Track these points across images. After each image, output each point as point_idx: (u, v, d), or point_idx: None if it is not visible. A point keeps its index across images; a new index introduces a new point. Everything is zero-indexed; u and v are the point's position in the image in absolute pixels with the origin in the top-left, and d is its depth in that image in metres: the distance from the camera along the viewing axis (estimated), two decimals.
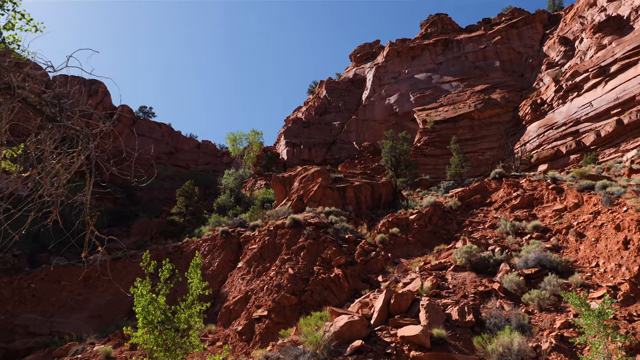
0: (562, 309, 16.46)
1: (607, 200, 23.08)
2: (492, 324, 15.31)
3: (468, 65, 75.37)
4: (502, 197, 30.41)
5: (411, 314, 16.28)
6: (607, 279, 18.42)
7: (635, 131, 46.13)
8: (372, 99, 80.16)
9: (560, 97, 56.49)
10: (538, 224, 24.47)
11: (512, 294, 17.84)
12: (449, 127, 64.79)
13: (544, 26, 76.35)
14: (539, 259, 19.39)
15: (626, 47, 51.47)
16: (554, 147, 53.02)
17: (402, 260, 23.74)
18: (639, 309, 16.28)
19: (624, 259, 19.16)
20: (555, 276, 18.01)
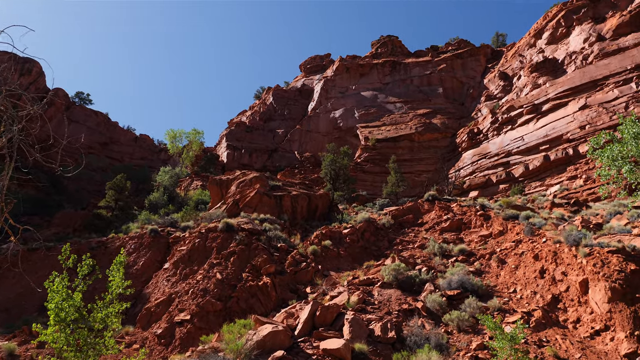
0: (479, 331, 17.12)
1: (529, 230, 24.35)
2: (413, 341, 15.66)
3: (413, 89, 77.76)
4: (433, 219, 31.40)
5: (335, 327, 16.37)
6: (522, 305, 19.37)
7: (560, 167, 49.29)
8: (318, 111, 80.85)
9: (495, 129, 59.40)
10: (464, 247, 25.43)
11: (434, 314, 18.36)
12: (389, 146, 66.39)
13: (486, 60, 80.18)
14: (462, 282, 20.10)
15: (558, 88, 55.09)
16: (485, 176, 55.55)
17: (331, 273, 23.89)
18: (548, 335, 17.21)
19: (539, 287, 20.25)
20: (475, 299, 18.73)
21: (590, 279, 18.14)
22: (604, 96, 50.75)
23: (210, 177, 41.69)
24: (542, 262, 21.06)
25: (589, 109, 50.83)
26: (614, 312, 16.80)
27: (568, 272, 19.51)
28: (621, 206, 30.38)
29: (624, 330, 16.26)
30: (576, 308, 18.34)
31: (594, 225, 25.67)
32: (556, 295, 19.32)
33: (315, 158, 70.87)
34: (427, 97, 75.35)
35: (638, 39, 53.03)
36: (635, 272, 17.74)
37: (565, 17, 62.91)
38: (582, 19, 61.01)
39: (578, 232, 21.44)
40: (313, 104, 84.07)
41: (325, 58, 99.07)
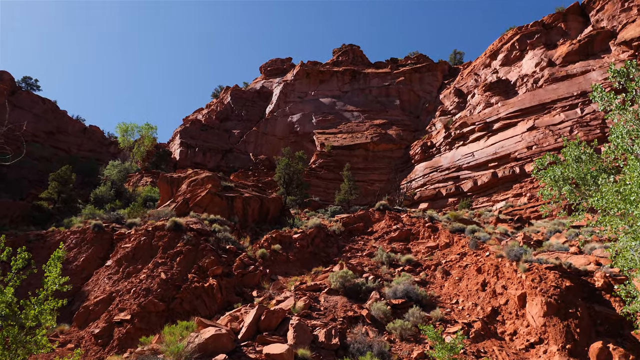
0: (421, 340, 17.41)
1: (473, 243, 25.06)
2: (356, 349, 15.74)
3: (371, 99, 78.84)
4: (383, 228, 31.81)
5: (280, 332, 16.25)
6: (463, 316, 19.87)
7: (507, 185, 51.15)
8: (276, 114, 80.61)
9: (448, 144, 61.04)
10: (411, 257, 25.88)
11: (378, 322, 18.54)
12: (344, 153, 66.96)
13: (443, 76, 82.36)
14: (407, 291, 20.42)
15: (509, 109, 57.28)
16: (436, 189, 56.89)
17: (279, 277, 23.74)
18: (486, 346, 17.70)
19: (480, 299, 20.84)
20: (419, 309, 19.06)
21: (528, 294, 18.82)
22: (551, 119, 53.15)
23: (161, 174, 40.69)
24: (485, 275, 21.69)
25: (536, 130, 53.05)
26: (548, 325, 17.49)
27: (508, 286, 20.17)
28: (561, 225, 31.79)
29: (557, 343, 16.95)
30: (514, 321, 18.98)
31: (534, 242, 26.72)
32: (496, 308, 19.94)
33: (270, 161, 70.54)
34: (384, 108, 76.57)
35: (585, 67, 55.92)
36: (569, 288, 18.56)
37: (520, 41, 65.52)
38: (535, 44, 63.72)
39: (519, 247, 22.23)
40: (271, 106, 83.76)
41: (286, 62, 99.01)
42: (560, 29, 64.12)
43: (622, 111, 10.93)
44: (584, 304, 18.27)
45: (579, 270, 20.66)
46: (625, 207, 8.83)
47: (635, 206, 8.61)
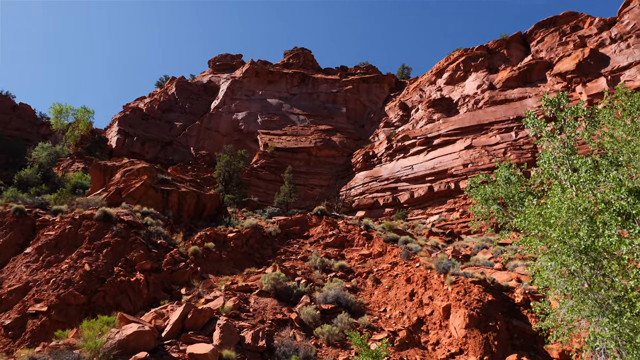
0: (347, 346, 17.62)
1: (405, 254, 25.69)
2: (282, 352, 15.70)
3: (318, 104, 79.30)
4: (319, 233, 32.00)
5: (206, 332, 15.94)
6: (390, 324, 20.30)
7: (441, 199, 52.94)
8: (221, 110, 79.34)
9: (389, 155, 62.42)
10: (344, 264, 26.17)
11: (306, 326, 18.59)
12: (287, 156, 66.91)
13: (390, 88, 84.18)
14: (338, 297, 20.63)
15: (450, 126, 59.44)
16: (374, 198, 57.95)
17: (210, 276, 23.29)
18: (409, 355, 18.16)
19: (408, 309, 21.38)
20: (347, 315, 19.29)
21: (453, 305, 19.51)
22: (488, 140, 55.59)
23: (95, 161, 38.91)
24: (413, 285, 22.27)
25: (473, 149, 55.29)
26: (469, 337, 18.18)
27: (435, 297, 20.82)
28: (488, 241, 33.22)
29: (475, 355, 17.65)
30: (437, 331, 19.60)
31: (462, 256, 27.76)
32: (421, 318, 20.52)
33: (211, 157, 69.25)
34: (331, 114, 77.24)
35: (522, 94, 59.00)
36: (491, 302, 19.41)
37: (465, 63, 68.14)
38: (478, 66, 66.49)
39: (448, 261, 23.02)
40: (217, 102, 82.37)
41: (236, 58, 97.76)
42: (503, 55, 67.30)
43: (550, 139, 11.59)
44: (504, 318, 19.16)
45: (501, 285, 21.66)
46: (544, 230, 9.35)
47: (554, 229, 9.13)
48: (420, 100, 70.83)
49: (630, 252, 8.10)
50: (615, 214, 8.88)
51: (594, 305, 8.79)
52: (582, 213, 9.12)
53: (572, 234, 8.72)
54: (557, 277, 9.45)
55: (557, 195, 9.65)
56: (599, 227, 8.89)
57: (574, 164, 10.55)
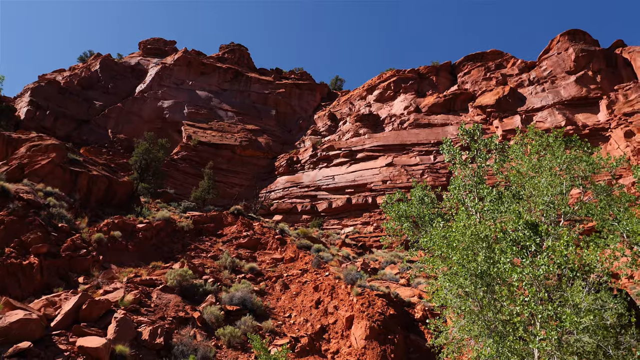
0: (248, 349, 17.47)
1: (317, 262, 25.98)
2: (180, 351, 15.26)
3: (248, 103, 78.50)
4: (233, 233, 31.56)
5: (101, 325, 15.14)
6: (293, 330, 20.39)
7: (358, 212, 54.25)
8: (146, 95, 76.24)
9: (312, 163, 63.06)
10: (255, 266, 25.99)
11: (209, 326, 18.22)
12: (210, 151, 65.49)
13: (322, 97, 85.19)
14: (244, 299, 20.42)
15: (374, 142, 61.26)
16: (292, 203, 58.20)
17: (113, 266, 22.20)
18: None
19: (312, 316, 21.59)
20: (252, 318, 19.15)
21: (356, 316, 19.96)
22: (408, 160, 57.85)
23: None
24: (321, 293, 22.55)
25: (393, 167, 57.28)
26: (368, 348, 18.68)
27: (340, 306, 21.21)
28: (397, 257, 34.43)
29: None
30: (338, 340, 19.95)
31: (371, 269, 28.53)
32: (325, 326, 20.80)
33: (129, 142, 66.16)
34: (260, 115, 76.74)
35: (445, 120, 62.15)
36: (392, 316, 20.10)
37: (396, 83, 70.62)
38: (408, 89, 69.18)
39: (357, 272, 23.57)
40: (143, 86, 79.07)
41: (169, 44, 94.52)
42: (432, 81, 70.56)
43: (463, 166, 12.29)
44: (403, 332, 19.90)
45: (403, 301, 22.50)
46: (447, 251, 9.88)
47: (455, 252, 9.68)
48: (349, 114, 72.33)
49: (519, 280, 8.74)
50: (511, 244, 9.55)
51: (482, 326, 9.38)
52: (483, 240, 9.74)
53: (471, 258, 9.28)
54: (453, 297, 9.99)
55: (462, 221, 10.24)
56: (496, 254, 9.53)
57: (481, 193, 11.26)
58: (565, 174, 14.95)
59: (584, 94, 57.54)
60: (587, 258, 9.17)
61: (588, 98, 57.38)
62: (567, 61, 60.77)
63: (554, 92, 59.26)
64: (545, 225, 10.40)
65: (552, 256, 8.78)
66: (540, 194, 12.56)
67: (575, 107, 57.47)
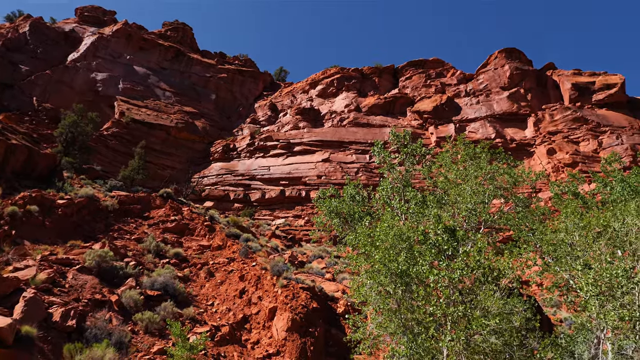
0: (166, 335, 17.12)
1: (244, 252, 25.82)
2: (93, 334, 14.72)
3: (188, 85, 76.32)
4: (160, 216, 30.69)
5: (7, 304, 14.33)
6: (215, 319, 20.19)
7: (291, 205, 54.39)
8: (79, 65, 72.20)
9: (249, 151, 62.42)
10: (180, 252, 25.44)
11: (126, 310, 17.66)
12: (143, 130, 63.10)
13: (264, 87, 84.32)
14: (166, 284, 19.96)
15: (313, 137, 61.54)
16: (225, 191, 57.37)
17: (26, 242, 20.96)
18: (228, 351, 18.24)
19: (235, 306, 21.47)
20: (173, 304, 18.77)
21: (279, 308, 20.06)
22: (344, 157, 58.68)
23: None
24: (246, 283, 22.46)
25: (329, 163, 57.87)
26: (288, 340, 18.84)
27: (264, 297, 21.22)
28: (325, 252, 34.88)
29: (291, 357, 18.34)
30: (259, 331, 19.98)
31: (298, 262, 28.73)
32: (247, 316, 20.76)
33: (56, 113, 62.32)
34: (199, 98, 74.86)
35: (383, 122, 63.58)
36: (315, 310, 20.37)
37: (339, 80, 71.26)
38: (350, 87, 70.03)
39: (284, 264, 23.68)
40: (76, 55, 74.76)
41: (109, 14, 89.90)
42: (374, 82, 71.83)
43: (392, 169, 12.67)
44: (324, 326, 20.22)
45: (327, 295, 22.86)
46: (371, 250, 10.16)
47: (379, 251, 9.98)
48: (291, 106, 72.23)
49: (435, 282, 9.16)
50: (431, 247, 9.98)
51: (399, 324, 9.75)
52: (405, 241, 10.11)
53: (393, 257, 9.62)
54: (374, 295, 10.31)
55: (387, 221, 10.58)
56: (416, 255, 9.92)
57: (407, 196, 11.67)
58: (489, 184, 15.78)
59: (515, 110, 60.86)
60: (500, 265, 9.75)
61: (518, 114, 60.76)
62: (502, 77, 63.97)
63: (487, 105, 62.20)
64: (463, 231, 10.94)
65: (467, 261, 9.26)
66: (464, 201, 13.18)
67: (506, 122, 60.68)
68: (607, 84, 60.39)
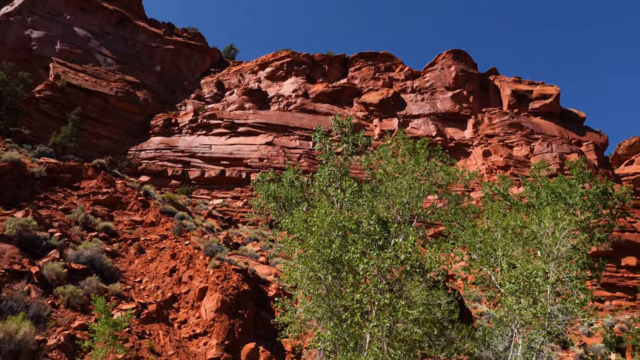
0: (89, 311, 16.56)
1: (178, 230, 25.28)
2: (8, 306, 14.03)
3: (132, 53, 73.16)
4: (92, 188, 29.42)
5: None
6: (142, 296, 19.72)
7: (230, 185, 53.73)
8: (12, 20, 67.39)
9: (191, 128, 60.90)
10: (110, 226, 24.57)
11: (48, 283, 16.93)
12: (80, 96, 59.97)
13: (212, 63, 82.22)
14: (93, 258, 19.27)
15: (258, 119, 60.96)
16: (163, 166, 55.76)
17: None
18: (154, 329, 17.90)
19: (165, 284, 21.06)
20: (98, 279, 18.16)
21: (209, 288, 19.87)
22: (288, 142, 58.55)
23: None
24: (177, 262, 22.06)
25: (272, 146, 57.57)
26: (217, 321, 18.73)
27: (195, 277, 20.94)
28: (261, 235, 34.84)
29: (218, 338, 18.27)
30: (188, 310, 19.74)
31: (233, 244, 28.55)
32: (176, 295, 20.43)
33: None
34: (143, 68, 72.00)
35: (329, 110, 63.89)
36: (246, 292, 20.34)
37: (289, 64, 70.73)
38: (300, 72, 69.71)
39: (218, 245, 23.42)
40: (10, 8, 69.63)
41: None
42: (324, 70, 71.86)
43: (332, 157, 12.80)
44: (254, 308, 20.25)
45: (260, 278, 22.88)
46: (305, 235, 10.26)
47: (313, 237, 10.10)
48: (238, 85, 71.02)
49: (365, 270, 9.40)
50: (364, 236, 10.20)
51: (327, 309, 9.93)
52: (340, 229, 10.28)
53: (327, 244, 9.76)
54: (305, 279, 10.43)
55: (324, 208, 10.70)
56: (349, 243, 10.11)
57: (343, 185, 11.85)
58: (425, 179, 16.28)
59: (457, 110, 62.97)
60: (428, 257, 10.12)
61: (459, 115, 62.92)
62: (448, 78, 65.88)
63: (431, 103, 63.95)
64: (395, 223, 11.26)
65: (397, 252, 9.55)
66: (399, 194, 13.54)
67: (447, 121, 62.71)
68: (544, 94, 63.70)
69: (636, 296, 42.51)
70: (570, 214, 14.41)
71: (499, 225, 13.35)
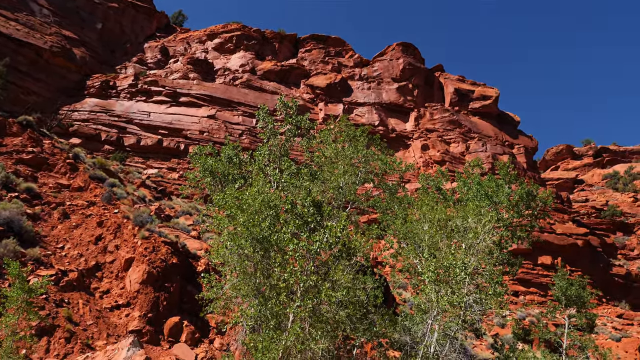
0: (2, 275, 15.79)
1: (107, 197, 24.37)
2: None
3: (71, 7, 68.81)
4: (16, 145, 27.64)
5: None
6: (63, 263, 18.94)
7: (167, 156, 52.27)
8: None
9: (130, 93, 58.44)
10: (34, 187, 23.29)
11: None
12: (10, 46, 55.53)
13: (157, 27, 78.84)
14: (11, 220, 18.30)
15: (201, 90, 59.43)
16: (97, 130, 53.31)
17: None
18: (73, 298, 17.29)
19: (89, 252, 20.31)
20: (16, 242, 17.29)
21: (136, 259, 19.37)
22: (231, 117, 57.57)
23: None
24: (104, 230, 21.33)
25: (214, 120, 56.41)
26: (141, 293, 18.34)
27: (122, 247, 20.34)
28: (194, 209, 34.24)
29: (141, 310, 17.91)
30: (111, 280, 19.19)
31: (165, 216, 27.92)
32: (100, 264, 19.79)
33: None
34: (82, 24, 67.95)
35: (276, 89, 63.28)
36: (175, 265, 20.01)
37: (238, 38, 69.13)
38: (249, 47, 68.37)
39: (149, 216, 22.82)
40: None
41: None
42: (274, 48, 70.87)
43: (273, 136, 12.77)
44: (180, 282, 19.96)
45: (190, 252, 22.56)
46: (236, 212, 10.22)
47: (244, 214, 10.07)
48: (183, 54, 68.78)
49: (294, 251, 9.51)
50: (296, 217, 10.30)
51: (252, 287, 9.98)
52: (272, 208, 10.31)
53: (257, 223, 9.77)
54: (233, 256, 10.41)
55: (257, 187, 10.68)
56: (281, 223, 10.17)
57: (282, 166, 11.87)
58: (362, 167, 16.59)
59: (401, 102, 64.25)
60: (355, 243, 10.37)
61: (403, 107, 64.26)
62: (396, 69, 66.91)
63: (377, 93, 64.82)
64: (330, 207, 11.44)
65: (327, 235, 9.72)
66: (334, 179, 13.73)
67: (391, 112, 63.89)
68: (484, 95, 66.23)
69: (547, 292, 45.56)
70: (494, 212, 15.20)
71: (427, 217, 13.88)
